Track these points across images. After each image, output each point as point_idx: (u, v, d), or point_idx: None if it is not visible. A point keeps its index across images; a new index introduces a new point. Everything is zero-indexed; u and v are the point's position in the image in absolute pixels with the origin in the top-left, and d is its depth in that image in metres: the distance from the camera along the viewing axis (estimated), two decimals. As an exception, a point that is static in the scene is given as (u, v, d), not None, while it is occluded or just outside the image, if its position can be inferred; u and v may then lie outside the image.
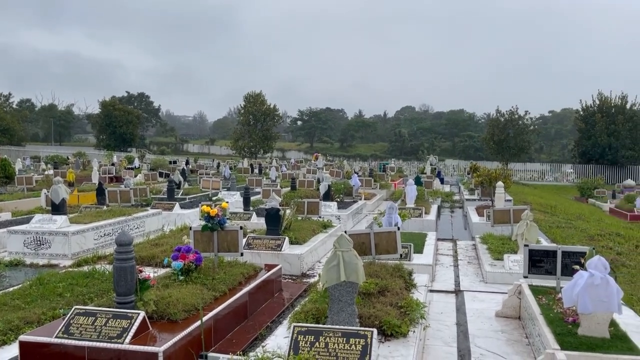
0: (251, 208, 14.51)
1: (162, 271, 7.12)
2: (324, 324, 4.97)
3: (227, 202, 14.11)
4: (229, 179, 22.86)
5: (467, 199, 20.90)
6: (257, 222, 12.55)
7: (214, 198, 17.27)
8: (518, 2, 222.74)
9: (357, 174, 26.29)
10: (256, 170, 33.73)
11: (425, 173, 30.62)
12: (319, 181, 20.15)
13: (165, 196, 16.56)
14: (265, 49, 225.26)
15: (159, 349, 4.54)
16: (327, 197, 16.30)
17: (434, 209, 16.75)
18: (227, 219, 9.53)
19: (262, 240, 9.46)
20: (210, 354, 5.02)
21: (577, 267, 5.37)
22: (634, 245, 13.92)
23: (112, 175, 27.88)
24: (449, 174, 47.35)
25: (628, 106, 55.27)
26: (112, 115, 64.76)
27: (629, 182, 41.51)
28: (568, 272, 6.17)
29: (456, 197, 24.00)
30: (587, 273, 4.82)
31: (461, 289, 8.43)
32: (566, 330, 5.00)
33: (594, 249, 6.05)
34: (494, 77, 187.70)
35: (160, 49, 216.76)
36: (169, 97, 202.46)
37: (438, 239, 12.23)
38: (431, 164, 35.41)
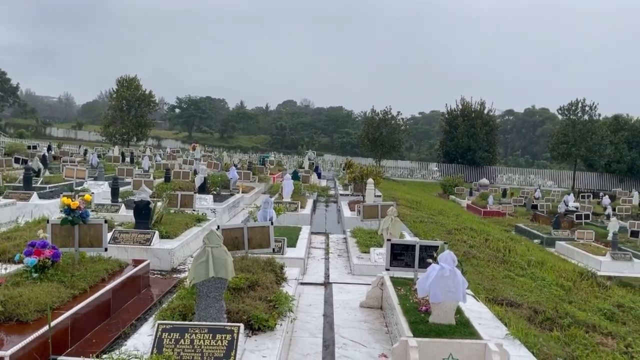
0: (120, 200, 13.73)
1: (13, 268, 6.50)
2: (190, 320, 4.91)
3: (93, 192, 13.30)
4: (96, 168, 21.37)
5: (341, 194, 21.73)
6: (126, 215, 11.91)
7: (77, 188, 16.06)
8: (399, 6, 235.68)
9: (236, 166, 26.08)
10: (128, 159, 31.89)
11: (304, 168, 31.27)
12: (195, 173, 19.67)
13: (22, 185, 15.03)
14: (142, 33, 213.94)
15: (5, 353, 4.17)
16: (203, 189, 15.97)
17: (309, 203, 17.18)
18: (92, 211, 8.94)
19: (130, 234, 9.02)
20: (60, 358, 4.70)
21: (430, 260, 5.87)
22: (484, 239, 15.51)
23: (-44, 159, 24.64)
24: (327, 169, 48.80)
25: (486, 111, 61.25)
26: (-42, 91, 57.18)
27: (484, 181, 46.09)
28: (424, 264, 6.70)
29: (332, 192, 24.79)
30: (439, 266, 5.29)
31: (330, 281, 8.77)
32: (419, 319, 5.45)
33: (445, 243, 6.64)
34: (371, 78, 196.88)
35: (20, 22, 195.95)
36: (30, 75, 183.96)
37: (312, 233, 12.58)
38: (309, 159, 36.20)
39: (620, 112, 64.12)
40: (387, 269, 7.17)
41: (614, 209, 31.76)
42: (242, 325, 4.60)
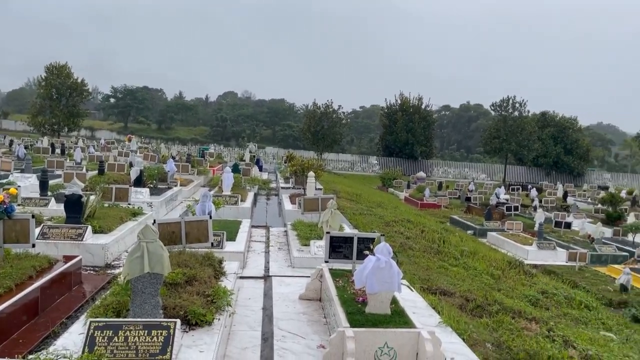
0: (49, 193, 13.10)
1: None
2: (125, 317, 4.79)
3: (19, 186, 12.63)
4: (23, 159, 20.26)
5: (282, 187, 21.70)
6: (56, 209, 11.38)
7: (2, 181, 15.16)
8: (341, 1, 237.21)
9: (174, 158, 25.46)
10: (58, 151, 30.40)
11: (245, 160, 30.97)
12: (131, 165, 19.08)
13: (-62, 177, 14.04)
14: (74, 18, 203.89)
15: None
16: (139, 182, 15.50)
17: (250, 196, 17.07)
18: (18, 205, 8.51)
19: (61, 229, 8.64)
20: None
21: (367, 252, 6.01)
22: (420, 230, 15.99)
23: None
24: (269, 161, 48.54)
25: (423, 107, 62.95)
26: None
27: (421, 174, 47.46)
28: (362, 256, 6.84)
29: (273, 185, 24.70)
30: (375, 257, 5.43)
31: (270, 274, 8.79)
32: (356, 309, 5.58)
33: (382, 235, 6.82)
34: (313, 71, 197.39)
35: None
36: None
37: (252, 226, 12.53)
38: (250, 152, 35.88)
39: (547, 109, 67.76)
40: (326, 261, 7.28)
41: (540, 201, 33.60)
42: (178, 321, 4.55)
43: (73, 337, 4.85)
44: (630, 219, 27.89)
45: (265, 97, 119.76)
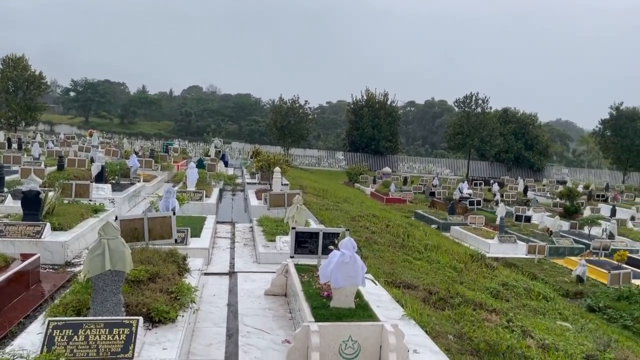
0: (5, 190, 12.69)
1: None
2: (85, 316, 4.70)
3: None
4: (-23, 155, 19.53)
5: (248, 183, 21.59)
6: (13, 206, 11.03)
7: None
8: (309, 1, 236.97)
9: (137, 154, 24.99)
10: (15, 146, 29.40)
11: (210, 156, 30.67)
12: (92, 160, 18.64)
13: None
14: (32, 8, 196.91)
15: None
16: (101, 178, 15.15)
17: (215, 192, 16.91)
18: (-29, 202, 8.19)
19: (17, 226, 8.37)
20: None
21: (332, 247, 6.06)
22: (385, 225, 16.19)
23: None
24: (235, 157, 48.12)
25: (389, 102, 63.50)
26: None
27: (387, 169, 47.96)
28: (328, 251, 6.89)
29: (239, 180, 24.52)
30: (339, 252, 5.48)
31: (235, 270, 8.75)
32: (321, 304, 5.62)
33: (347, 230, 6.88)
34: (279, 66, 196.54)
35: None
36: None
37: (217, 222, 12.42)
38: (216, 147, 35.56)
39: (508, 106, 69.34)
40: (292, 257, 7.30)
41: (502, 195, 34.45)
42: (141, 319, 4.50)
43: (31, 337, 4.73)
44: (587, 212, 29.01)
45: (231, 92, 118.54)
